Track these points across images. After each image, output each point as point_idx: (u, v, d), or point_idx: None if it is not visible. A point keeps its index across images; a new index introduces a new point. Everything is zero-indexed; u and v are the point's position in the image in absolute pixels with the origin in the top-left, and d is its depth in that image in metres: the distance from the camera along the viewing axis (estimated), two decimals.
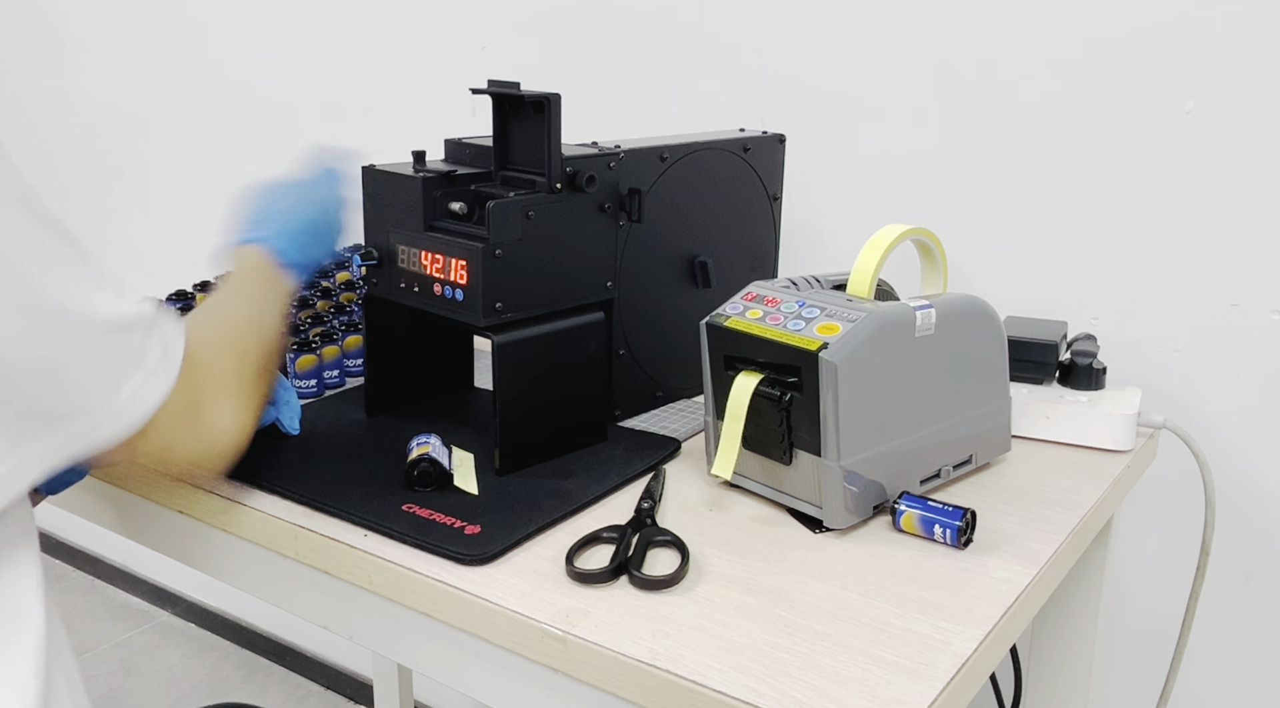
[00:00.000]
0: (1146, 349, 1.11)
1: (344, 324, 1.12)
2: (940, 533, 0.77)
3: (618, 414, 0.99)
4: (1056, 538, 0.79)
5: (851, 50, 1.22)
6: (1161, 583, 1.16)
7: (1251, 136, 1.02)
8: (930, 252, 0.91)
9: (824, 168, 1.25)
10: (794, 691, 0.60)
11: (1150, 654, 1.17)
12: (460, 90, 0.91)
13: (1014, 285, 1.17)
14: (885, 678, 0.62)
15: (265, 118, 1.81)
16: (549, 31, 1.45)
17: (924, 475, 0.84)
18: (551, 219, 0.88)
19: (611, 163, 0.91)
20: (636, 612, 0.68)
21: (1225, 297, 1.06)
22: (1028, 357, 0.99)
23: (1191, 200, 1.06)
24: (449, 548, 0.74)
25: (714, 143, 1.01)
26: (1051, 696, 1.10)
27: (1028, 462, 0.92)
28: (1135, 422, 0.95)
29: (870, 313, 0.78)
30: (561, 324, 0.89)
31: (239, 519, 0.83)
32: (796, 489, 0.82)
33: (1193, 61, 1.03)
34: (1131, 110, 1.07)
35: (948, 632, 0.66)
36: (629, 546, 0.75)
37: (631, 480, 0.87)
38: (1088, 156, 1.10)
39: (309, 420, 0.97)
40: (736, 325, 0.82)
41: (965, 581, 0.73)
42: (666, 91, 1.36)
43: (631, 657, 0.64)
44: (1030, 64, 1.11)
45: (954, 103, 1.17)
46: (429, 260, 0.87)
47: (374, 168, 0.92)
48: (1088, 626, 1.06)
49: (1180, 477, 1.09)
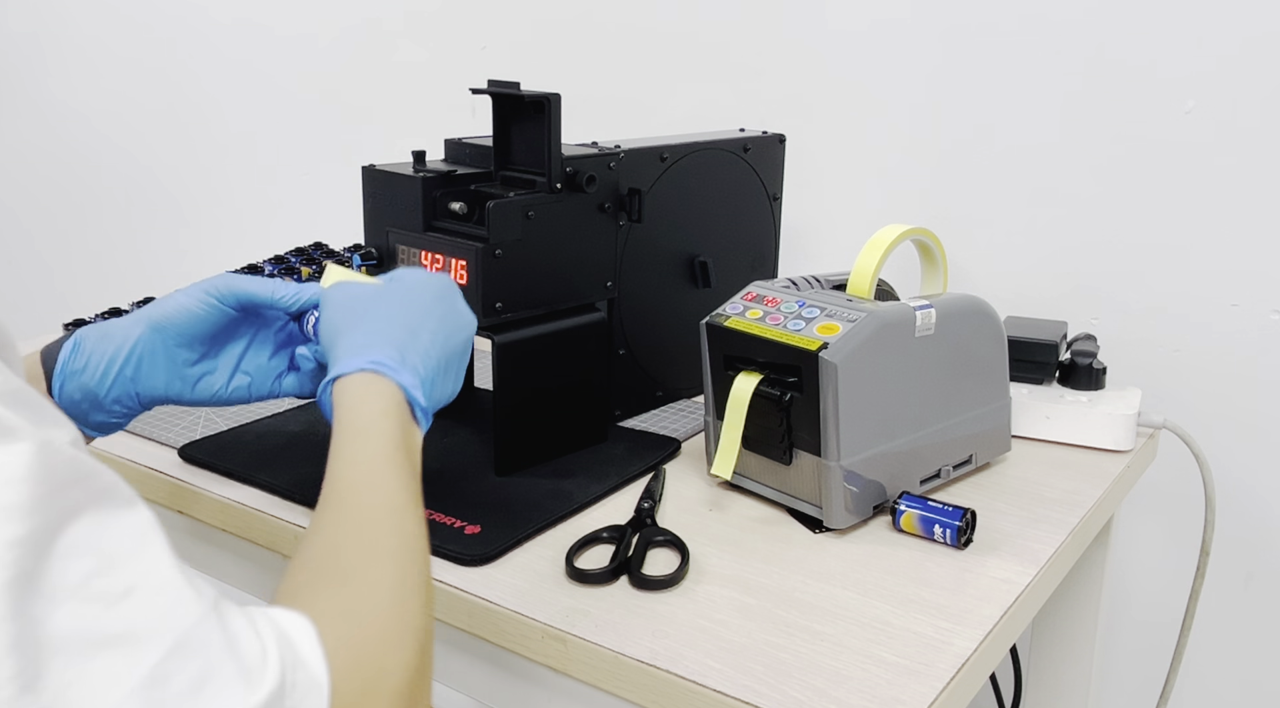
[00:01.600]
0: (1146, 349, 1.11)
1: None
2: (940, 533, 0.77)
3: (618, 414, 0.99)
4: (1056, 538, 0.79)
5: (851, 50, 1.22)
6: (1161, 583, 1.16)
7: (1251, 137, 1.02)
8: (930, 252, 0.91)
9: (824, 168, 1.25)
10: (794, 691, 0.60)
11: (1150, 654, 1.17)
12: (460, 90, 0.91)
13: (1014, 285, 1.17)
14: (885, 678, 0.62)
15: (265, 118, 1.81)
16: (549, 31, 1.45)
17: (924, 475, 0.84)
18: (551, 219, 0.88)
19: (611, 163, 0.91)
20: (636, 612, 0.68)
21: (1225, 297, 1.06)
22: (1028, 357, 0.99)
23: (1191, 200, 1.06)
24: (449, 548, 0.74)
25: (714, 143, 1.01)
26: (1051, 696, 1.10)
27: (1028, 462, 0.92)
28: (1135, 422, 0.95)
29: (870, 313, 0.78)
30: (561, 324, 0.89)
31: (238, 519, 0.83)
32: (796, 489, 0.82)
33: (1193, 61, 1.03)
34: (1131, 110, 1.07)
35: (948, 632, 0.66)
36: (629, 546, 0.75)
37: (631, 480, 0.87)
38: (1088, 156, 1.10)
39: (308, 421, 0.97)
40: (736, 325, 0.82)
41: (965, 581, 0.73)
42: (666, 91, 1.36)
43: (631, 657, 0.64)
44: (1030, 64, 1.11)
45: (954, 103, 1.17)
46: (429, 260, 0.87)
47: (374, 168, 0.92)
48: (1088, 626, 1.06)
49: (1180, 477, 1.09)
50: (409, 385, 0.60)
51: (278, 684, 0.39)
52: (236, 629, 0.40)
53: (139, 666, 0.36)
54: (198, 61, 1.88)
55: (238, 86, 1.83)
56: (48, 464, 0.35)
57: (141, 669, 0.36)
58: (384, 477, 0.54)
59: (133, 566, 0.37)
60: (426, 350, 0.64)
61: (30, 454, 0.35)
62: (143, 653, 0.36)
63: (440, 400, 0.66)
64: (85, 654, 0.35)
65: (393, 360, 0.60)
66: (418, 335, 0.64)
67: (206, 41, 1.85)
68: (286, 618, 0.43)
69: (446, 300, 0.69)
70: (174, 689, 0.36)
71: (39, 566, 0.34)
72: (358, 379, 0.59)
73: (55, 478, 0.36)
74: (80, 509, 0.37)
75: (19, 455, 0.35)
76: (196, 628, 0.38)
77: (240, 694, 0.38)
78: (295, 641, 0.42)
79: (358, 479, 0.54)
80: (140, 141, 2.00)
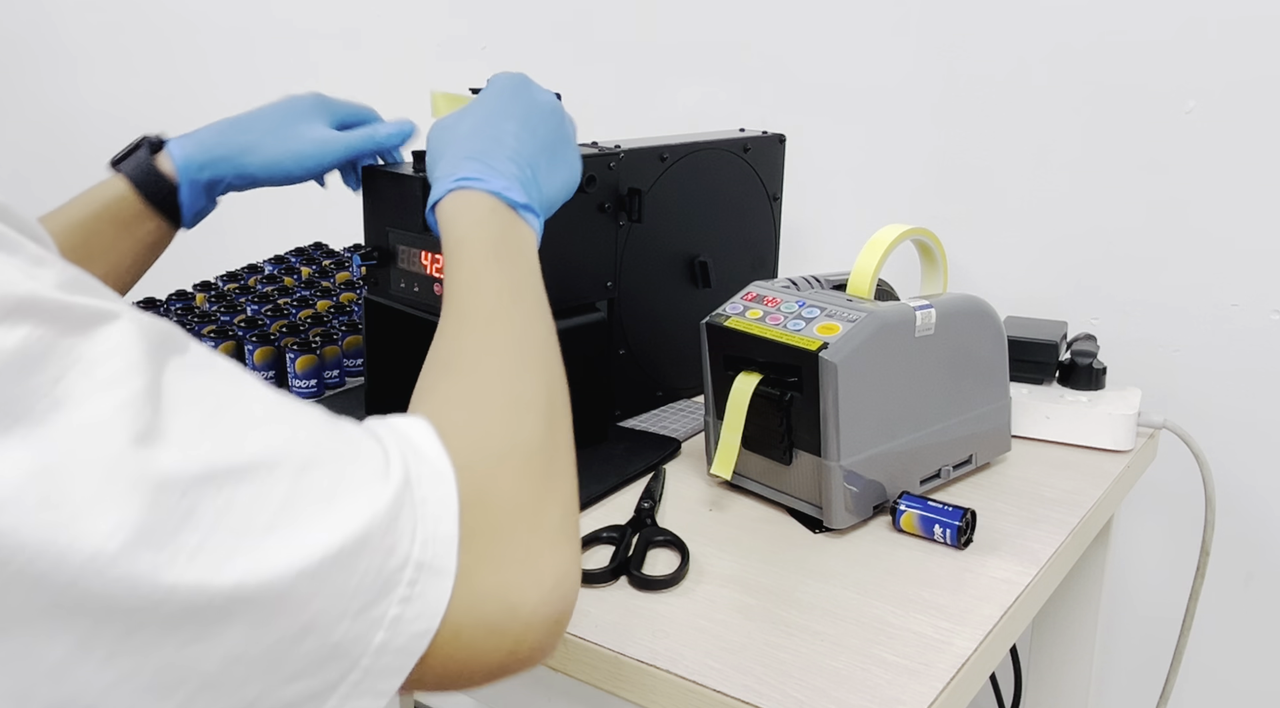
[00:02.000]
0: (1146, 349, 1.11)
1: (344, 324, 1.12)
2: (940, 533, 0.77)
3: (618, 414, 0.99)
4: (1056, 538, 0.79)
5: (852, 50, 1.22)
6: (1161, 583, 1.16)
7: (1252, 136, 1.02)
8: (930, 252, 0.91)
9: (824, 168, 1.25)
10: (794, 691, 0.60)
11: (1150, 654, 1.17)
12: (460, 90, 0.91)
13: (1014, 285, 1.17)
14: (885, 678, 0.62)
15: None
16: (549, 31, 1.45)
17: (924, 475, 0.84)
18: (551, 219, 0.88)
19: (611, 163, 0.91)
20: (636, 612, 0.68)
21: (1225, 297, 1.06)
22: (1028, 357, 0.99)
23: (1192, 200, 1.06)
24: None
25: (714, 143, 1.01)
26: (1051, 696, 1.10)
27: (1028, 462, 0.92)
28: (1135, 422, 0.95)
29: (870, 313, 0.78)
30: (561, 324, 0.88)
31: None
32: (796, 489, 0.82)
33: (1193, 61, 1.03)
34: (1132, 110, 1.07)
35: (948, 632, 0.66)
36: (629, 546, 0.75)
37: (631, 480, 0.87)
38: (1088, 157, 1.10)
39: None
40: (736, 325, 0.82)
41: (965, 581, 0.73)
42: (666, 91, 1.36)
43: (631, 657, 0.64)
44: (1031, 64, 1.11)
45: (954, 103, 1.17)
46: (429, 260, 0.87)
47: (374, 167, 0.92)
48: (1088, 626, 1.06)
49: (1180, 477, 1.09)
50: (500, 189, 0.64)
51: (403, 479, 0.42)
52: (354, 438, 0.43)
53: (277, 486, 0.38)
54: (197, 61, 1.88)
55: (237, 86, 1.83)
56: (143, 330, 0.38)
57: (280, 488, 0.38)
58: (486, 279, 0.58)
59: (239, 402, 0.40)
60: (515, 150, 0.67)
61: (131, 324, 0.38)
62: (277, 475, 0.38)
63: (560, 187, 0.71)
64: (231, 483, 0.37)
65: (477, 172, 0.64)
66: (501, 141, 0.67)
67: (206, 41, 1.85)
68: (402, 421, 0.46)
69: (523, 96, 0.72)
70: (310, 503, 0.39)
71: (158, 416, 0.37)
72: (448, 201, 0.64)
73: (150, 341, 0.38)
74: (179, 364, 0.39)
75: (123, 329, 0.37)
76: (318, 444, 0.41)
77: (372, 494, 0.40)
78: (413, 438, 0.45)
79: (463, 287, 0.58)
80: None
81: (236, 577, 0.36)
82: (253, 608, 0.37)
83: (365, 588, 0.39)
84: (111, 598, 0.34)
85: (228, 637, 0.37)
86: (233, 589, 0.36)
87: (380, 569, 0.40)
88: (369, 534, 0.40)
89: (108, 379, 0.36)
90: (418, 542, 0.41)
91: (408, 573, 0.41)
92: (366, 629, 0.39)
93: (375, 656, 0.40)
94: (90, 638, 0.35)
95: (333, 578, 0.38)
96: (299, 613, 0.38)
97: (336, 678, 0.39)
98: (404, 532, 0.41)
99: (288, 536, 0.38)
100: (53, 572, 0.33)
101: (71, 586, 0.34)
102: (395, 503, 0.41)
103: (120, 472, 0.35)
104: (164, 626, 0.35)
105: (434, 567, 0.41)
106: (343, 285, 1.24)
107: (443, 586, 0.42)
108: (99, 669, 0.35)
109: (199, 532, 0.36)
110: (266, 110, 0.84)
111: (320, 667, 0.39)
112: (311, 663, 0.39)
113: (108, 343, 0.37)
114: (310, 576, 0.38)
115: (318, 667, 0.39)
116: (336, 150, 0.84)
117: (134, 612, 0.35)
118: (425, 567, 0.41)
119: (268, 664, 0.38)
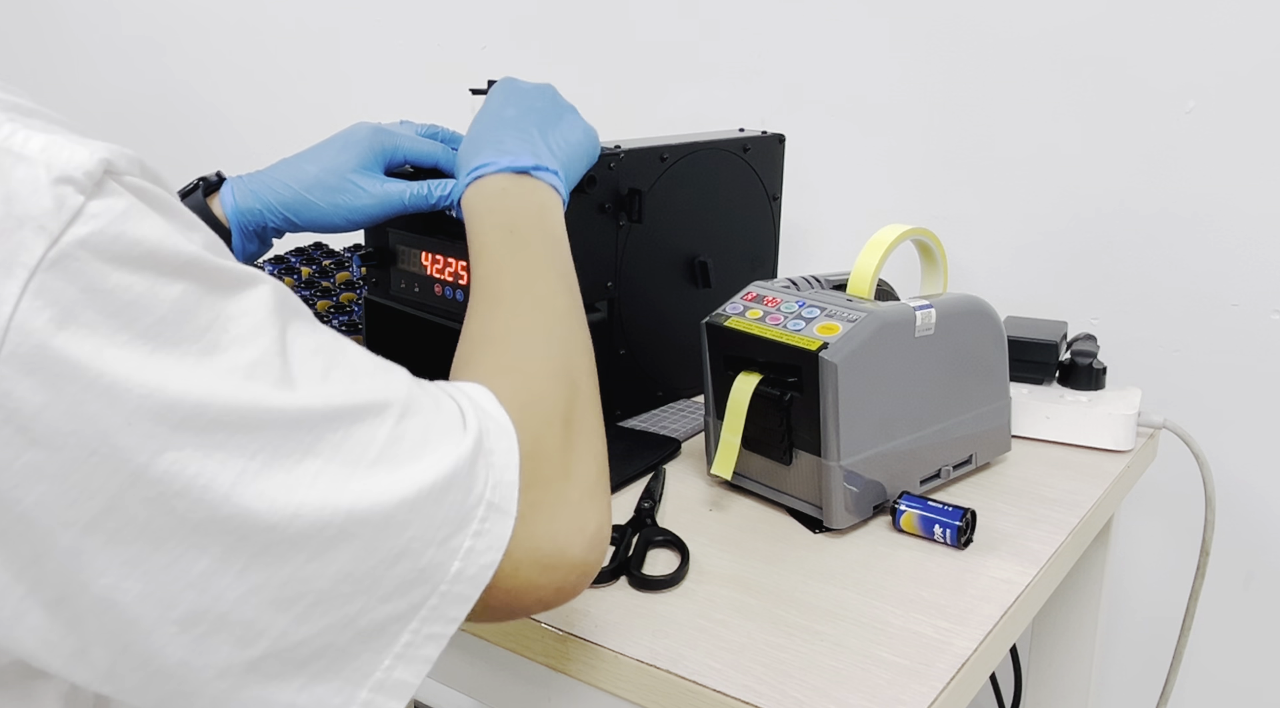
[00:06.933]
0: (1146, 349, 1.11)
1: (344, 324, 1.12)
2: (940, 533, 0.77)
3: (618, 414, 0.99)
4: (1056, 538, 0.79)
5: (851, 50, 1.22)
6: (1161, 583, 1.16)
7: (1252, 136, 1.02)
8: (930, 252, 0.91)
9: (824, 168, 1.25)
10: (794, 691, 0.60)
11: (1150, 654, 1.17)
12: (460, 90, 0.91)
13: (1014, 285, 1.17)
14: (885, 678, 0.62)
15: (265, 118, 1.81)
16: (549, 31, 1.45)
17: (924, 475, 0.84)
18: None
19: (611, 163, 0.91)
20: (636, 612, 0.68)
21: (1225, 297, 1.06)
22: (1028, 357, 0.99)
23: (1192, 200, 1.06)
24: None
25: (714, 143, 1.01)
26: (1051, 696, 1.10)
27: (1028, 462, 0.92)
28: (1135, 422, 0.95)
29: (870, 313, 0.78)
30: None
31: None
32: (796, 489, 0.82)
33: (1193, 60, 1.03)
34: (1132, 110, 1.07)
35: (948, 632, 0.66)
36: (629, 546, 0.75)
37: (631, 480, 0.87)
38: (1088, 156, 1.10)
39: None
40: (736, 325, 0.82)
41: (965, 581, 0.73)
42: (666, 91, 1.36)
43: (631, 657, 0.64)
44: (1030, 63, 1.11)
45: (954, 103, 1.17)
46: (429, 260, 0.87)
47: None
48: (1088, 626, 1.06)
49: (1180, 477, 1.09)
50: (509, 163, 0.69)
51: (479, 431, 0.48)
52: (436, 393, 0.49)
53: (383, 427, 0.45)
54: (197, 61, 1.88)
55: (236, 86, 1.83)
56: (276, 293, 0.44)
57: (385, 429, 0.45)
58: (506, 264, 0.63)
59: (347, 356, 0.46)
60: (517, 124, 0.73)
61: (268, 286, 0.44)
62: (383, 418, 0.45)
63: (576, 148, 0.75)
64: (346, 422, 0.44)
65: (487, 158, 0.70)
66: (503, 126, 0.73)
67: (206, 41, 1.85)
68: (467, 385, 0.53)
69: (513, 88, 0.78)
70: (409, 444, 0.45)
71: (286, 365, 0.43)
72: (467, 194, 0.69)
73: (279, 302, 0.44)
74: (298, 325, 0.45)
75: (260, 293, 0.44)
76: (411, 395, 0.47)
77: (456, 441, 0.47)
78: (477, 398, 0.51)
79: (487, 272, 0.63)
80: (140, 142, 2.00)
81: (350, 500, 0.43)
82: (363, 529, 0.43)
83: (449, 521, 0.46)
84: (251, 515, 0.40)
85: (340, 556, 0.42)
86: (348, 511, 0.42)
87: (460, 505, 0.46)
88: (455, 474, 0.46)
89: (248, 332, 0.42)
90: (489, 485, 0.47)
91: (480, 511, 0.47)
92: (446, 557, 0.46)
93: (451, 583, 0.46)
94: (230, 553, 0.40)
95: (426, 509, 0.45)
96: (397, 537, 0.44)
97: (419, 600, 0.45)
98: (479, 476, 0.47)
99: (392, 469, 0.44)
100: (205, 493, 0.40)
101: (222, 504, 0.40)
102: (474, 450, 0.47)
103: (259, 409, 0.41)
104: (290, 544, 0.41)
105: (501, 508, 0.48)
106: (343, 285, 1.24)
107: (506, 524, 0.48)
108: (234, 581, 0.41)
109: (320, 459, 0.42)
110: (323, 154, 0.81)
111: (409, 589, 0.45)
112: (402, 584, 0.45)
113: (246, 302, 0.43)
114: (409, 506, 0.44)
115: (407, 588, 0.45)
116: (387, 210, 0.82)
117: (268, 530, 0.41)
118: (494, 507, 0.47)
119: (370, 583, 0.44)
